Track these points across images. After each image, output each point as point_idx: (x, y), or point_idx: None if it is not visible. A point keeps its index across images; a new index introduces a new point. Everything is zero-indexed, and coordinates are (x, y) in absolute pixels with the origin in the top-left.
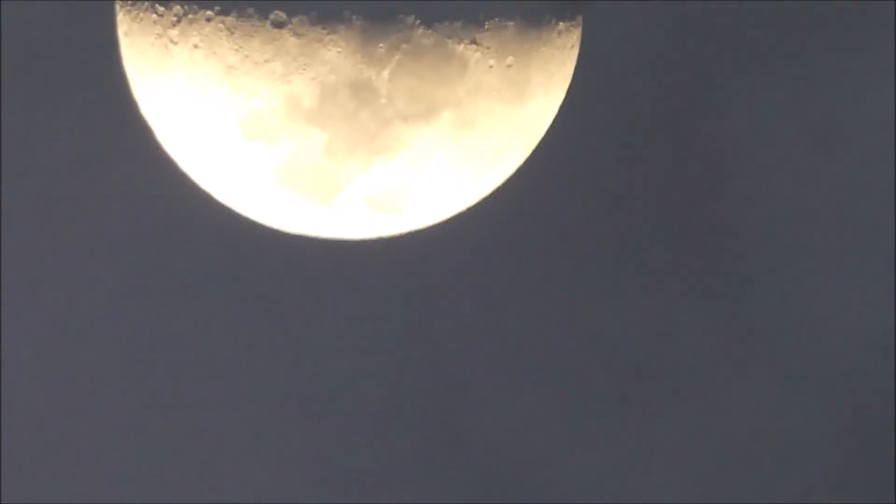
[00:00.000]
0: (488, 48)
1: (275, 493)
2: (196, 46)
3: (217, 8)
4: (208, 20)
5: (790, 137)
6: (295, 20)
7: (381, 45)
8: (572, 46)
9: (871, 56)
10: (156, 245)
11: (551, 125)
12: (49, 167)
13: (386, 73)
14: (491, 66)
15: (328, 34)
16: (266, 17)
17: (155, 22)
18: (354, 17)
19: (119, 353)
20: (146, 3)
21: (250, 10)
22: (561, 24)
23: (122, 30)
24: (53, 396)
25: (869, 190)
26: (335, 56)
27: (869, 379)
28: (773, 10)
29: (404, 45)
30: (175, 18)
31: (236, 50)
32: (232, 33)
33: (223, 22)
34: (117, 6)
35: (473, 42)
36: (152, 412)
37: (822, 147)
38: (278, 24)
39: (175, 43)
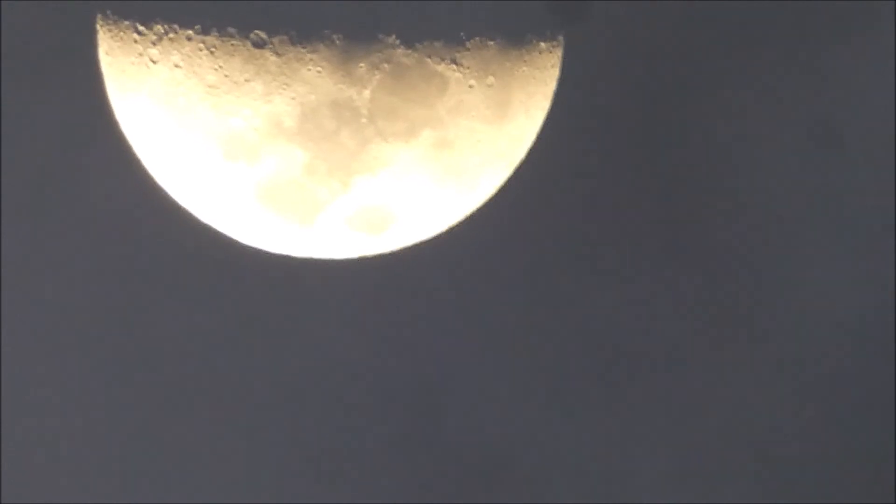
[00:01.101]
0: (469, 68)
1: (266, 488)
2: (176, 66)
3: (197, 27)
4: (189, 39)
5: (787, 135)
6: (275, 39)
7: (361, 64)
8: (553, 66)
9: (872, 56)
10: (137, 263)
11: (532, 144)
12: (27, 183)
13: (367, 93)
14: (472, 86)
15: (309, 53)
16: (247, 37)
17: (136, 41)
18: (335, 36)
19: (101, 369)
20: (127, 23)
21: (231, 30)
22: (542, 43)
23: (102, 49)
24: (40, 411)
25: (866, 185)
26: (316, 75)
27: (858, 369)
28: (771, 10)
29: (385, 65)
30: (155, 37)
31: (217, 69)
32: (212, 52)
33: (203, 41)
34: (98, 25)
35: (454, 62)
36: (136, 425)
37: (819, 144)
38: (259, 44)
39: (155, 62)
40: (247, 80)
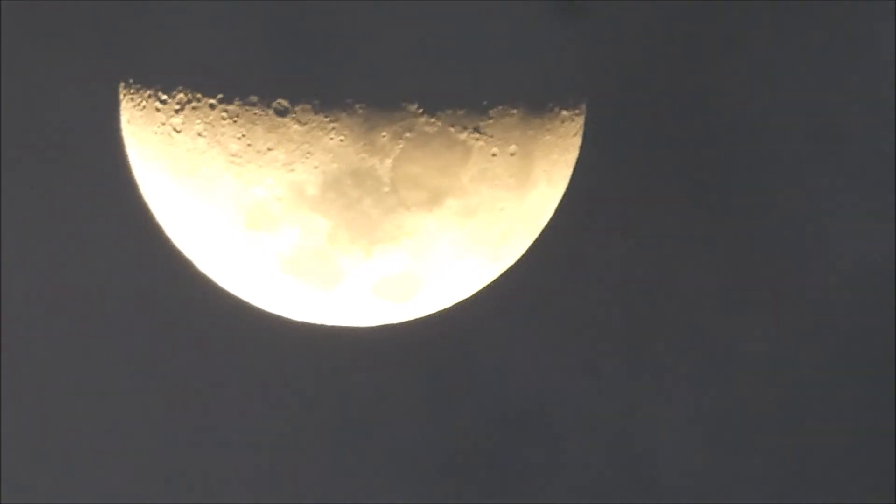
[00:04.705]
0: (491, 136)
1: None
2: (199, 134)
3: (220, 96)
4: (212, 108)
5: (792, 138)
6: (298, 108)
7: (384, 133)
8: (575, 134)
9: (872, 56)
10: (158, 333)
11: (554, 213)
12: (50, 254)
13: (389, 162)
14: (494, 155)
15: (331, 122)
16: (269, 105)
17: (158, 110)
18: (357, 105)
19: (121, 438)
20: (149, 91)
21: (253, 98)
22: (564, 112)
23: (125, 118)
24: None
25: (871, 180)
26: (338, 144)
27: (872, 317)
28: (772, 10)
29: (407, 134)
30: (178, 106)
31: (239, 138)
32: (235, 121)
33: (226, 110)
34: (121, 94)
35: (477, 130)
36: (160, 484)
37: (823, 144)
38: (281, 112)
39: (178, 131)
40: (269, 149)
